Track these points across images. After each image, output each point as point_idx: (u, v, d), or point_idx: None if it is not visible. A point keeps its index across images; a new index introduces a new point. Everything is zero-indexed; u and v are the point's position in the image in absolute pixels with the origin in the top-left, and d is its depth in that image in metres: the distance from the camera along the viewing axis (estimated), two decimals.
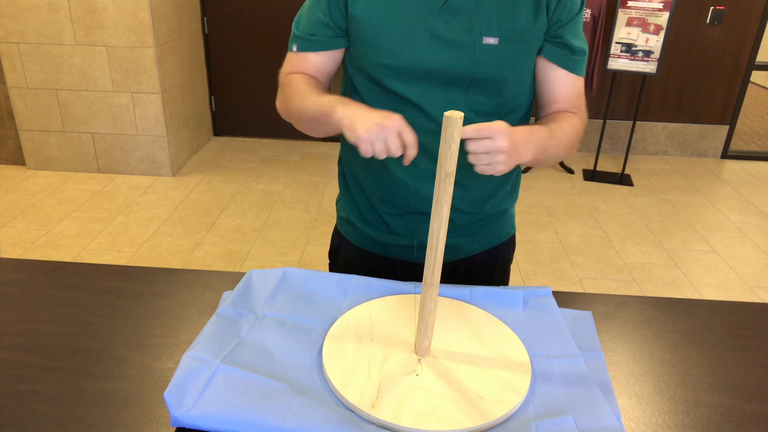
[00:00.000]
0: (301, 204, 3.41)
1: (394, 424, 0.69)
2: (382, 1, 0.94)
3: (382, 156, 0.82)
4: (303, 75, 1.03)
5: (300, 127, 1.03)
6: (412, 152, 0.83)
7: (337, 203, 1.23)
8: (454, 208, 1.03)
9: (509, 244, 1.20)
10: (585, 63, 1.03)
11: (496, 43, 0.94)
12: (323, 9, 0.98)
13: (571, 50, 0.99)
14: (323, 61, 1.04)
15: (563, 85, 1.01)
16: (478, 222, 1.11)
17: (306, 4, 1.03)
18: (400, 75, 0.96)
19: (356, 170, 1.10)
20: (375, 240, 1.13)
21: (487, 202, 1.09)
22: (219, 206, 3.35)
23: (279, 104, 1.06)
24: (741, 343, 0.92)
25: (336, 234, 1.23)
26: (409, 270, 1.12)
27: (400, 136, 0.81)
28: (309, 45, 1.02)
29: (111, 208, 3.27)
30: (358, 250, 1.16)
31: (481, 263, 1.16)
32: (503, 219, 1.16)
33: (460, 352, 0.83)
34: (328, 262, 1.27)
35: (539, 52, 0.99)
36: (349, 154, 1.12)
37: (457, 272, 1.15)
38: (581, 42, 1.01)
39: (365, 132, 0.82)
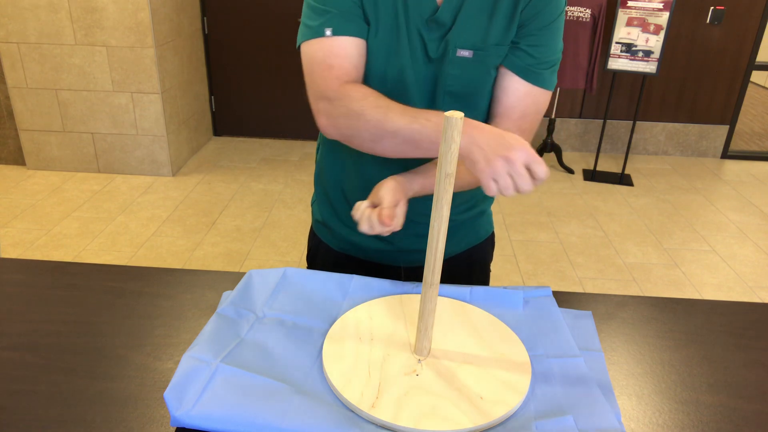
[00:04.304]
0: (301, 204, 3.41)
1: (394, 425, 0.69)
2: (381, 4, 0.91)
3: (508, 193, 0.74)
4: (362, 86, 0.89)
5: (375, 147, 0.87)
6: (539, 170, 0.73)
7: (312, 205, 1.20)
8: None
9: (488, 243, 1.20)
10: (545, 74, 0.94)
11: (470, 56, 0.92)
12: None
13: (532, 58, 0.93)
14: (360, 52, 0.90)
15: (509, 94, 0.95)
16: (457, 226, 1.11)
17: None
18: (386, 84, 0.93)
19: (337, 174, 1.08)
20: (354, 243, 1.11)
21: (466, 206, 1.09)
22: (219, 206, 3.35)
23: (329, 122, 0.89)
24: (741, 343, 0.92)
25: (312, 237, 1.20)
26: (393, 274, 1.10)
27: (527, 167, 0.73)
28: (345, 25, 0.88)
29: (111, 208, 3.27)
30: (336, 253, 1.15)
31: (460, 263, 1.15)
32: (481, 219, 1.16)
33: (460, 352, 0.83)
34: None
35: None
36: (328, 155, 1.09)
37: None
38: (546, 53, 0.93)
39: (489, 168, 0.74)
